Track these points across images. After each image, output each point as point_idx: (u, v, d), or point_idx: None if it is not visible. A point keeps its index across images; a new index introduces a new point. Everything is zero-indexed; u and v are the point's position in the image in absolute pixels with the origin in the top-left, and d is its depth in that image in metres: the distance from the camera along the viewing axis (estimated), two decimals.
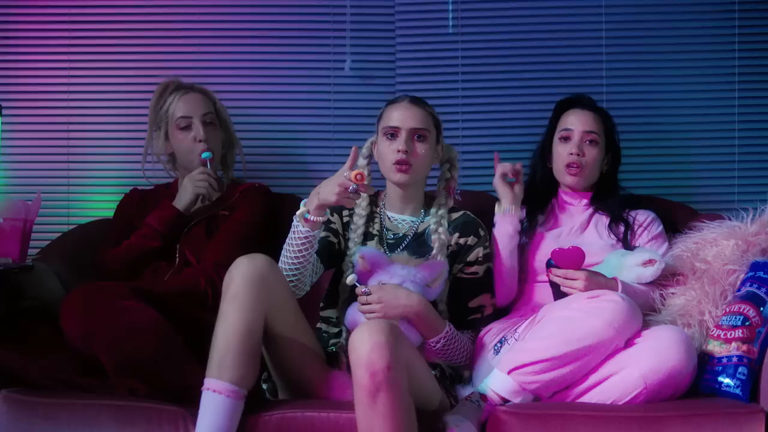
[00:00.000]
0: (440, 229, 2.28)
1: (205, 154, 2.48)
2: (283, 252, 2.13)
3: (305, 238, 2.09)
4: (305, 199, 2.11)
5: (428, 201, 2.37)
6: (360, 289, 2.11)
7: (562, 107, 2.51)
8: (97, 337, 2.03)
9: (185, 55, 2.92)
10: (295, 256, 2.11)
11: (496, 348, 2.21)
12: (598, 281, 2.15)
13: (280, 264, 2.12)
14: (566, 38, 2.92)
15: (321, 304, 2.35)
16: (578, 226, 2.43)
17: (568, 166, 2.41)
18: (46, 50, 2.92)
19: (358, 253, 2.19)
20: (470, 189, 2.74)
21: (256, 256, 2.00)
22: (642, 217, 2.43)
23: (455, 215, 2.35)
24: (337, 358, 2.16)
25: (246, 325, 1.92)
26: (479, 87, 2.94)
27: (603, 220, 2.44)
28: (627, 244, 2.38)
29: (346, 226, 2.33)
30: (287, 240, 2.12)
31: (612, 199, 2.45)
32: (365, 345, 1.79)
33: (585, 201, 2.48)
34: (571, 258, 2.17)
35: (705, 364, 2.08)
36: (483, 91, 2.94)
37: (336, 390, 2.04)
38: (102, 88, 2.91)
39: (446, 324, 2.22)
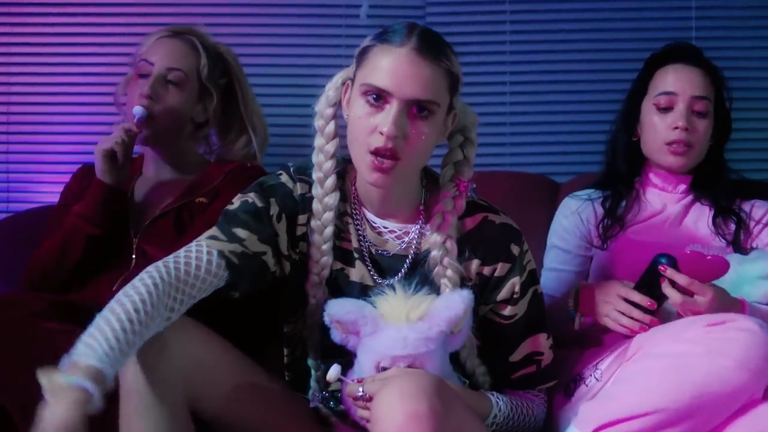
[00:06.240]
0: (446, 260, 1.59)
1: (137, 109, 2.06)
2: None
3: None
4: None
5: (431, 185, 1.66)
6: (354, 390, 1.48)
7: (658, 61, 2.14)
8: None
9: None
10: None
11: (568, 389, 1.84)
12: (724, 303, 1.79)
13: None
14: None
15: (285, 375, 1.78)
16: (672, 220, 2.08)
17: (672, 143, 2.06)
18: None
19: (327, 315, 1.54)
20: (518, 170, 2.49)
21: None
22: (760, 210, 2.10)
23: (470, 223, 1.64)
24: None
25: None
26: (533, 40, 2.62)
27: (706, 214, 2.09)
28: (739, 246, 2.04)
29: (297, 240, 1.62)
30: None
31: (719, 183, 2.12)
32: (396, 416, 1.35)
33: (683, 186, 2.13)
34: (706, 269, 1.77)
35: None
36: (537, 45, 2.61)
37: None
38: (47, 49, 2.58)
39: (492, 402, 1.64)
